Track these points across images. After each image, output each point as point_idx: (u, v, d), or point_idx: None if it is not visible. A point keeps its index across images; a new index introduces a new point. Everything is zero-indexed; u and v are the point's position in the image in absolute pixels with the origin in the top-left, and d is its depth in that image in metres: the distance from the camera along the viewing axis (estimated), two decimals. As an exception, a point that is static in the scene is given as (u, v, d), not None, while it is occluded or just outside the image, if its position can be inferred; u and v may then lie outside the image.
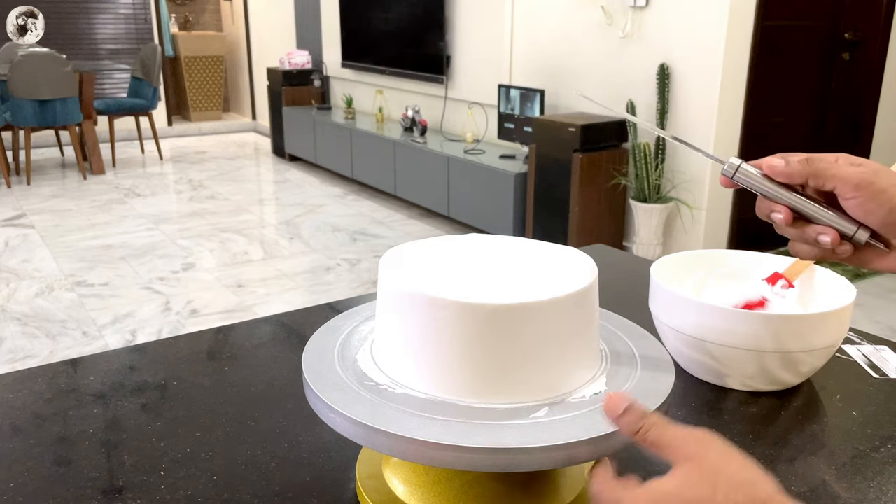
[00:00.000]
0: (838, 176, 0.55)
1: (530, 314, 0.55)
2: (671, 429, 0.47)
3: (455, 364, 0.56)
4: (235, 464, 0.69)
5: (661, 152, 3.54)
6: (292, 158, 6.39)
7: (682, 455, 0.45)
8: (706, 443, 0.46)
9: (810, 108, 4.03)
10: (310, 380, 0.58)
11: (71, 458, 0.70)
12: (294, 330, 0.99)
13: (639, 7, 3.59)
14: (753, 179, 0.58)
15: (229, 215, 4.76)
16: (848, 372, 0.88)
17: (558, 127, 3.62)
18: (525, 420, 0.54)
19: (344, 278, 3.64)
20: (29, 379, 0.84)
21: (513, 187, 3.88)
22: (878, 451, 0.72)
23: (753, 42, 3.36)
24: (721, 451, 0.45)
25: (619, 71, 3.75)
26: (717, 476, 0.43)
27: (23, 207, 4.88)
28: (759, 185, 0.58)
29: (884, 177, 0.55)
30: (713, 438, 0.46)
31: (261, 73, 7.52)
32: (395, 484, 0.63)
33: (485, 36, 4.54)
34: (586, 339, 0.59)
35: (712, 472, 0.44)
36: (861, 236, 0.56)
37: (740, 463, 0.45)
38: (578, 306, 0.58)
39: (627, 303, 0.86)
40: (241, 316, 3.15)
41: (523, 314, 0.55)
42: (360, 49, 5.71)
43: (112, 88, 7.35)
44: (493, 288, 0.57)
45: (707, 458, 0.45)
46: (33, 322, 3.08)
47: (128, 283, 3.54)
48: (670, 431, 0.47)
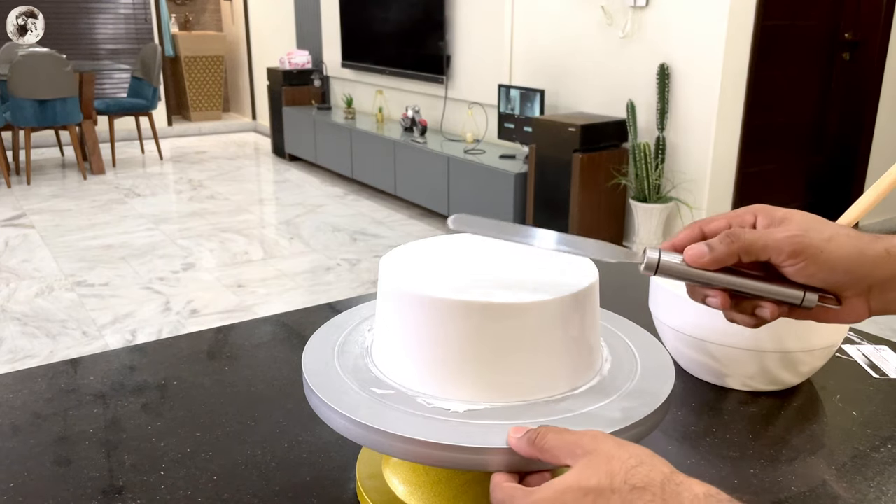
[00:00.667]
0: (770, 246, 0.50)
1: (531, 314, 0.55)
2: (564, 433, 0.48)
3: (455, 364, 0.56)
4: (235, 464, 0.69)
5: (661, 152, 3.54)
6: (292, 158, 6.39)
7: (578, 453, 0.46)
8: (599, 438, 0.46)
9: (810, 108, 4.03)
10: (310, 380, 0.58)
11: (71, 458, 0.70)
12: (294, 330, 0.99)
13: (639, 7, 3.59)
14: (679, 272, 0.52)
15: (229, 215, 4.76)
16: (848, 372, 0.88)
17: (558, 127, 3.61)
18: (525, 420, 0.54)
19: (344, 278, 3.64)
20: (29, 379, 0.84)
21: (513, 187, 3.88)
22: (878, 451, 0.72)
23: (753, 42, 3.36)
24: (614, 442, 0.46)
25: (619, 71, 3.75)
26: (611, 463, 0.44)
27: (23, 207, 4.88)
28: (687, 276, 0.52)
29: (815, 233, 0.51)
30: (605, 434, 0.47)
31: (261, 73, 7.52)
32: (395, 484, 0.63)
33: (485, 36, 4.54)
34: (587, 339, 0.59)
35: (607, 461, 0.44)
36: (810, 301, 0.51)
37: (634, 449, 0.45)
38: (579, 307, 0.58)
39: (627, 303, 0.86)
40: (241, 316, 3.15)
41: (523, 314, 0.55)
42: (360, 49, 5.71)
43: (112, 88, 7.35)
44: (494, 288, 0.57)
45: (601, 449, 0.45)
46: (33, 322, 3.08)
47: (128, 283, 3.54)
48: (563, 435, 0.47)
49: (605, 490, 0.43)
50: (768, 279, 0.52)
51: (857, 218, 0.80)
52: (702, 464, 0.70)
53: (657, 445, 0.73)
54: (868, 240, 0.51)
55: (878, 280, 0.51)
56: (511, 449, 0.50)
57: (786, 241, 0.50)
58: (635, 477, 0.43)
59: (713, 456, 0.71)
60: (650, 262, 0.52)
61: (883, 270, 0.51)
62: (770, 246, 0.50)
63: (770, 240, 0.50)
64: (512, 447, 0.49)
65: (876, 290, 0.52)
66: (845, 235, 0.51)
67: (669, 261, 0.52)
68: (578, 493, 0.44)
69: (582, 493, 0.44)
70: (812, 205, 4.16)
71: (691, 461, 0.71)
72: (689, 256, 0.51)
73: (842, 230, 0.52)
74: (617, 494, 0.43)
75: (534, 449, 0.48)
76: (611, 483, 0.43)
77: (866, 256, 0.51)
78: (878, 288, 0.52)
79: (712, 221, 0.54)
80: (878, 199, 0.74)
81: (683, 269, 0.52)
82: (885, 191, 0.73)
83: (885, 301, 0.52)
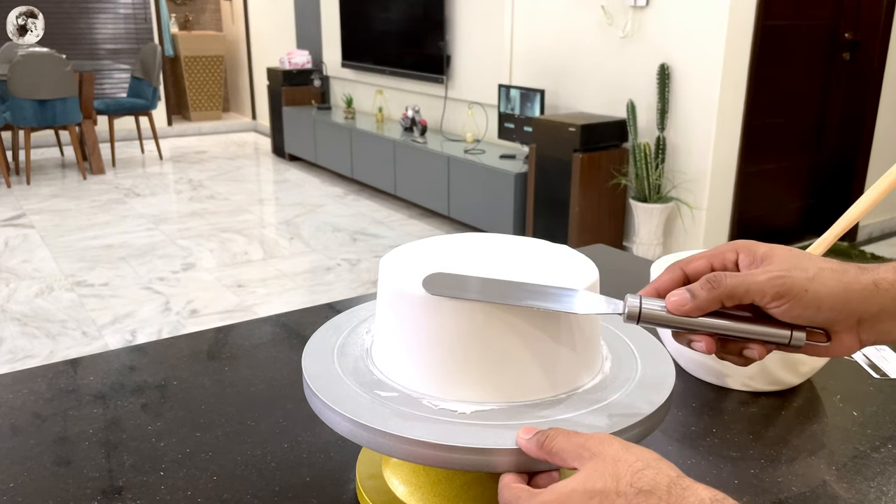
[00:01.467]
0: (752, 290, 0.49)
1: (530, 314, 0.55)
2: (572, 435, 0.48)
3: (455, 364, 0.56)
4: (235, 464, 0.69)
5: (661, 152, 3.54)
6: (292, 158, 6.39)
7: (585, 456, 0.46)
8: (606, 441, 0.46)
9: (810, 108, 4.03)
10: (310, 380, 0.58)
11: (71, 458, 0.70)
12: (294, 330, 0.99)
13: (639, 7, 3.59)
14: (662, 320, 0.51)
15: (229, 215, 4.76)
16: (848, 372, 0.88)
17: (558, 127, 3.61)
18: (525, 420, 0.54)
19: (344, 278, 3.64)
20: (29, 379, 0.84)
21: (513, 187, 3.88)
22: (878, 451, 0.72)
23: (753, 42, 3.36)
24: (621, 445, 0.46)
25: (619, 71, 3.75)
26: (617, 466, 0.44)
27: (23, 207, 4.88)
28: (670, 323, 0.51)
29: (798, 272, 0.50)
30: (613, 437, 0.47)
31: (261, 72, 7.52)
32: (395, 484, 0.63)
33: (485, 36, 4.54)
34: (587, 339, 0.59)
35: (613, 463, 0.44)
36: (798, 340, 0.50)
37: (641, 452, 0.45)
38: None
39: (627, 303, 0.86)
40: (241, 316, 3.15)
41: (523, 314, 0.55)
42: (360, 49, 5.71)
43: (112, 88, 7.35)
44: (494, 288, 0.56)
45: (607, 452, 0.45)
46: (33, 322, 3.08)
47: (128, 283, 3.54)
48: (571, 438, 0.47)
49: (611, 493, 0.43)
50: (754, 320, 0.51)
51: (857, 218, 0.80)
52: (702, 464, 0.70)
53: (657, 445, 0.73)
54: (854, 273, 0.50)
55: (867, 314, 0.50)
56: (519, 450, 0.50)
57: (768, 283, 0.49)
58: (641, 480, 0.43)
59: (713, 456, 0.71)
60: (632, 312, 0.51)
61: (871, 305, 0.50)
62: (753, 290, 0.49)
63: (752, 283, 0.49)
64: (522, 448, 0.49)
65: (866, 324, 0.51)
66: (830, 271, 0.50)
67: (651, 309, 0.51)
68: (584, 495, 0.44)
69: (588, 495, 0.44)
70: (812, 205, 4.16)
71: (691, 461, 0.71)
72: (671, 304, 0.51)
73: (826, 265, 0.51)
74: (622, 498, 0.43)
75: (542, 451, 0.48)
76: (616, 486, 0.43)
77: (853, 291, 0.50)
78: (868, 322, 0.50)
79: (693, 262, 0.54)
80: (879, 199, 0.74)
81: (666, 317, 0.51)
82: (885, 191, 0.73)
83: (877, 332, 0.51)
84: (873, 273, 0.50)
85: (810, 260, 0.51)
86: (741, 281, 0.50)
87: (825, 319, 0.50)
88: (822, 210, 4.14)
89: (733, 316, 0.51)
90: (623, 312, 0.51)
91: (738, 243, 0.54)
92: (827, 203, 4.16)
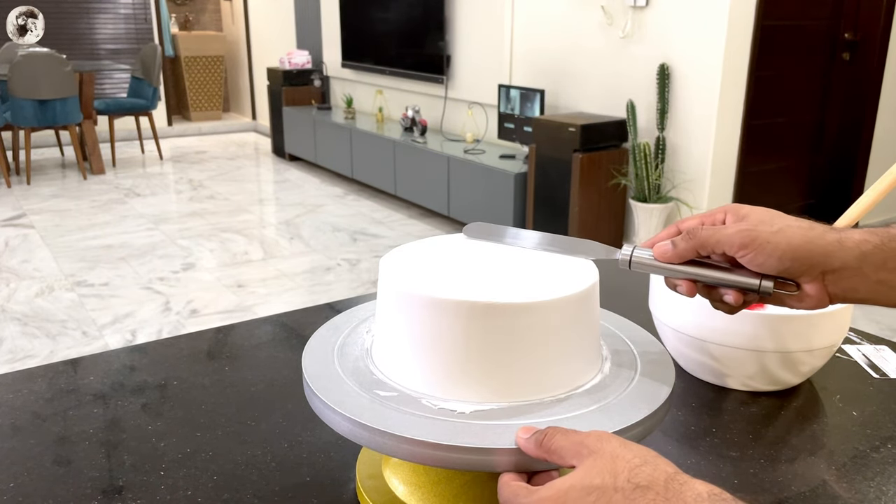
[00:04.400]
0: (722, 241, 0.56)
1: (531, 314, 0.55)
2: (570, 434, 0.48)
3: (455, 364, 0.56)
4: (235, 464, 0.69)
5: (661, 152, 3.54)
6: (292, 158, 6.39)
7: (583, 453, 0.46)
8: (604, 438, 0.47)
9: (810, 108, 4.03)
10: (310, 380, 0.58)
11: (71, 458, 0.70)
12: (294, 330, 0.99)
13: (639, 7, 3.59)
14: (649, 267, 0.59)
15: (229, 215, 4.76)
16: (848, 372, 0.88)
17: (558, 127, 3.61)
18: (525, 420, 0.54)
19: (344, 278, 3.64)
20: (29, 379, 0.84)
21: (513, 187, 3.88)
22: (878, 451, 0.72)
23: (753, 42, 3.36)
24: (619, 442, 0.47)
25: (619, 71, 3.75)
26: (615, 462, 0.45)
27: (23, 207, 4.88)
28: (657, 269, 0.59)
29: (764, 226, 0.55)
30: (611, 434, 0.48)
31: (261, 73, 7.52)
32: (395, 484, 0.63)
33: (485, 36, 4.54)
34: (587, 339, 0.59)
35: (611, 460, 0.45)
36: (766, 288, 0.56)
37: (638, 449, 0.46)
38: (579, 307, 0.58)
39: (627, 303, 0.86)
40: (241, 316, 3.15)
41: (524, 314, 0.55)
42: (360, 49, 5.71)
43: (112, 88, 7.35)
44: (494, 288, 0.57)
45: (605, 449, 0.46)
46: (33, 322, 3.08)
47: (128, 283, 3.54)
48: (569, 436, 0.48)
49: (609, 489, 0.43)
50: (728, 270, 0.57)
51: (857, 218, 0.80)
52: (702, 464, 0.70)
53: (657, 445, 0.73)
54: (820, 231, 0.55)
55: (830, 268, 0.54)
56: (518, 449, 0.50)
57: (736, 235, 0.55)
58: (639, 476, 0.43)
59: (713, 456, 0.71)
60: (623, 258, 0.59)
61: (834, 259, 0.54)
62: (722, 240, 0.55)
63: (722, 235, 0.56)
64: (520, 447, 0.50)
65: (830, 278, 0.55)
66: (796, 227, 0.55)
67: (641, 256, 0.59)
68: (582, 491, 0.44)
69: (585, 491, 0.44)
70: (812, 205, 4.16)
71: (691, 461, 0.71)
72: (656, 252, 0.59)
73: (795, 223, 0.56)
74: (620, 493, 0.43)
75: (541, 450, 0.48)
76: (614, 482, 0.43)
77: (815, 245, 0.54)
78: (833, 276, 0.55)
79: (687, 220, 0.60)
80: (878, 199, 0.74)
81: (653, 264, 0.59)
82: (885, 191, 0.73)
83: (843, 289, 0.55)
84: (840, 233, 0.55)
85: (780, 217, 0.57)
86: (713, 233, 0.56)
87: (787, 269, 0.55)
88: (822, 210, 4.14)
89: (712, 265, 0.58)
90: (618, 258, 0.59)
91: (727, 206, 0.61)
92: (827, 203, 4.16)
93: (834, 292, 0.56)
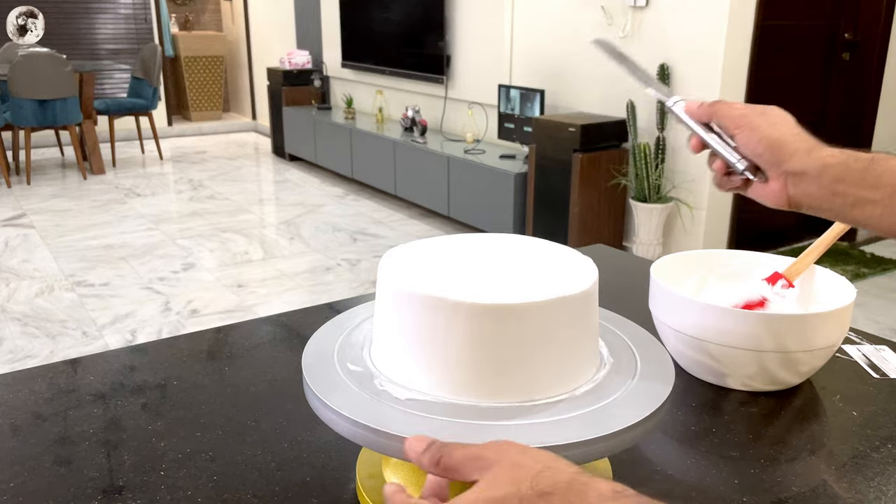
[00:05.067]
0: (727, 116, 0.66)
1: (530, 314, 0.55)
2: (468, 448, 0.46)
3: (454, 364, 0.56)
4: (235, 464, 0.69)
5: (661, 152, 3.54)
6: (292, 158, 6.39)
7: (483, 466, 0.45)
8: (503, 448, 0.45)
9: (810, 108, 4.03)
10: (310, 380, 0.58)
11: (71, 458, 0.70)
12: (294, 330, 0.99)
13: (639, 7, 3.59)
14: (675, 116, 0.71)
15: (229, 215, 4.76)
16: (848, 372, 0.88)
17: (558, 127, 3.61)
18: (525, 420, 0.54)
19: (344, 278, 3.64)
20: (29, 379, 0.84)
21: (513, 187, 3.88)
22: (878, 451, 0.72)
23: (753, 42, 3.36)
24: (518, 449, 0.45)
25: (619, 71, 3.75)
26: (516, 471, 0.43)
27: (23, 207, 4.88)
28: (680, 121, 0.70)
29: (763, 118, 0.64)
30: (510, 443, 0.46)
31: (261, 73, 7.52)
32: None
33: (485, 36, 4.54)
34: (586, 339, 0.59)
35: (512, 469, 0.44)
36: (741, 163, 0.65)
37: (539, 455, 0.45)
38: (579, 307, 0.58)
39: (627, 303, 0.86)
40: (241, 316, 3.15)
41: (523, 314, 0.55)
42: (360, 49, 5.71)
43: (112, 88, 7.35)
44: (493, 288, 0.57)
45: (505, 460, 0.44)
46: (33, 322, 3.08)
47: (128, 283, 3.54)
48: (467, 450, 0.46)
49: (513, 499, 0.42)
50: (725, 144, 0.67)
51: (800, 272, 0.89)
52: (702, 464, 0.70)
53: (657, 445, 0.73)
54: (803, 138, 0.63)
55: (792, 170, 0.63)
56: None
57: (737, 113, 0.65)
58: (541, 483, 0.42)
59: (713, 456, 0.71)
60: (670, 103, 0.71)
61: (796, 162, 0.62)
62: (727, 116, 0.66)
63: (729, 112, 0.66)
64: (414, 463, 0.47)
65: (791, 179, 0.63)
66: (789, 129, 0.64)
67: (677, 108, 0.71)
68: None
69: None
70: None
71: (691, 461, 0.71)
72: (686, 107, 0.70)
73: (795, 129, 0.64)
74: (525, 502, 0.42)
75: (439, 468, 0.46)
76: (518, 491, 0.42)
77: (788, 145, 0.63)
78: (794, 178, 0.63)
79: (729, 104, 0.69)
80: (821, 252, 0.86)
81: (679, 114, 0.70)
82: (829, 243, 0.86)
83: (800, 193, 0.63)
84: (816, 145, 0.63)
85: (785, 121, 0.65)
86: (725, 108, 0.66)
87: (761, 155, 0.64)
88: (822, 210, 4.13)
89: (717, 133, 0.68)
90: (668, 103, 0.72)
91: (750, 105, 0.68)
92: (827, 203, 4.15)
93: (793, 194, 0.63)
